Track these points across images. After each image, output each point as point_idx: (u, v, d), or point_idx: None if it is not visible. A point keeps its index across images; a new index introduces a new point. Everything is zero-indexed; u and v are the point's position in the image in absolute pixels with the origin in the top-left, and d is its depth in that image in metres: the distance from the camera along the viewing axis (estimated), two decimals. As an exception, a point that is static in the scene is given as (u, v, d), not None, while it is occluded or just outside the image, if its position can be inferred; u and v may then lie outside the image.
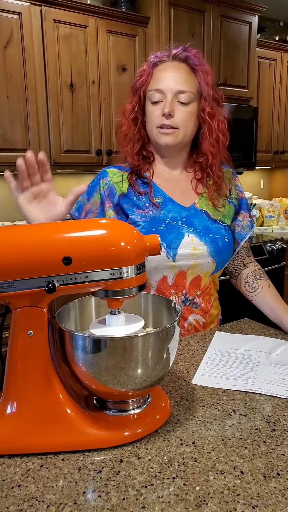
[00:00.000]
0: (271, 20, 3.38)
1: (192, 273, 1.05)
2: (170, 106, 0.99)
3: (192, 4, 2.47)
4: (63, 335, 0.61)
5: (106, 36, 2.32)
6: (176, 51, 1.03)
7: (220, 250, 1.05)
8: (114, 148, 2.43)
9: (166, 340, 0.62)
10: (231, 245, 1.09)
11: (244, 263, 1.17)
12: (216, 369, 0.84)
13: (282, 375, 0.81)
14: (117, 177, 1.09)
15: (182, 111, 1.00)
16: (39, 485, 0.55)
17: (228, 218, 1.11)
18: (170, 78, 1.00)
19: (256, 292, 1.12)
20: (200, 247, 1.03)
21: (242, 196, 1.16)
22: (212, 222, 1.07)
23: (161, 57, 1.04)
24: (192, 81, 1.02)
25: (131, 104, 1.08)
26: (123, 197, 1.07)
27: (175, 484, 0.54)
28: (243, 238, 1.14)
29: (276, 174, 3.77)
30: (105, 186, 1.08)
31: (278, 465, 0.57)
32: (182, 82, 1.00)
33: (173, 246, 1.02)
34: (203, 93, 1.03)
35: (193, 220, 1.06)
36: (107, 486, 0.54)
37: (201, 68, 1.03)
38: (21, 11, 2.05)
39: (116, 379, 0.60)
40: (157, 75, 1.02)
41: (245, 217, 1.15)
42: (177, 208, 1.07)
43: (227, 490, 0.53)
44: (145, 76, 1.04)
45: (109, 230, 0.60)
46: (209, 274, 1.07)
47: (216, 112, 1.04)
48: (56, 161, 2.26)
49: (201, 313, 1.09)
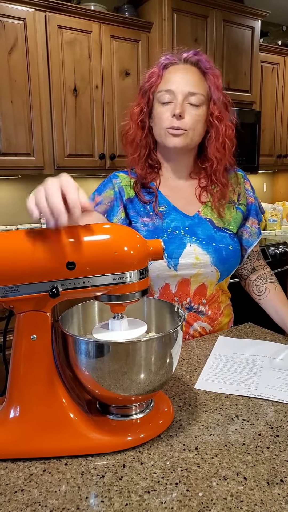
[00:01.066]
0: (274, 24, 3.39)
1: (195, 281, 1.05)
2: (181, 107, 0.98)
3: (195, 10, 2.48)
4: (66, 339, 0.62)
5: (109, 41, 2.33)
6: (187, 54, 1.03)
7: (224, 259, 1.04)
8: (117, 152, 2.44)
9: (169, 345, 0.62)
10: (237, 253, 1.07)
11: (254, 267, 1.16)
12: (219, 374, 0.84)
13: (286, 380, 0.81)
14: (126, 181, 1.09)
15: (192, 113, 0.99)
16: (42, 489, 0.55)
17: (234, 225, 1.09)
18: (181, 79, 0.99)
19: (263, 295, 1.12)
20: (202, 256, 1.02)
21: (252, 201, 1.13)
22: (216, 231, 1.06)
23: (172, 59, 1.03)
24: (203, 84, 1.01)
25: (139, 106, 1.06)
26: (129, 202, 1.07)
27: (178, 490, 0.54)
28: (250, 245, 1.13)
29: (279, 178, 3.77)
30: (116, 186, 1.08)
31: (282, 472, 0.57)
32: (193, 84, 0.99)
33: (174, 256, 1.01)
34: (213, 96, 1.02)
35: (196, 229, 1.05)
36: (109, 491, 0.54)
37: (212, 72, 1.03)
38: (26, 17, 2.07)
39: (119, 383, 0.60)
40: (167, 76, 1.02)
41: (254, 224, 1.13)
42: (181, 217, 1.06)
43: (230, 496, 0.53)
44: (155, 78, 1.03)
45: (112, 235, 0.61)
46: (215, 282, 1.07)
47: (224, 116, 1.03)
48: (59, 165, 2.27)
49: (208, 320, 1.08)
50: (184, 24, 2.47)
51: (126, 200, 1.07)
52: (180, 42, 2.46)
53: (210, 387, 0.79)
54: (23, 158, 2.17)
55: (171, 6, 2.39)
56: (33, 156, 2.20)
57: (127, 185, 1.08)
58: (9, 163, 2.14)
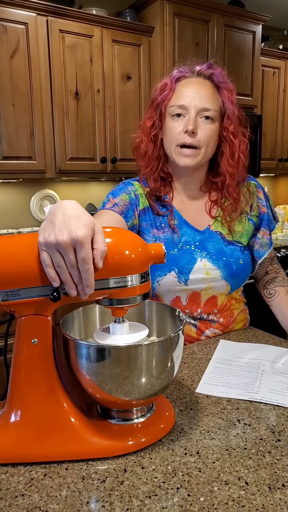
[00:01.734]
0: (275, 29, 3.40)
1: (206, 294, 1.05)
2: (194, 124, 0.95)
3: (196, 14, 2.49)
4: (67, 343, 0.62)
5: (111, 46, 2.34)
6: (201, 68, 1.00)
7: (234, 274, 1.03)
8: (119, 155, 2.45)
9: (170, 349, 0.62)
10: (247, 266, 1.06)
11: (267, 271, 1.15)
12: (220, 378, 0.84)
13: (287, 384, 0.80)
14: (141, 190, 1.07)
15: (205, 129, 0.96)
16: (42, 494, 0.55)
17: (245, 237, 1.08)
18: (195, 94, 0.96)
19: (273, 298, 1.12)
20: (213, 271, 1.02)
21: (264, 211, 1.10)
22: (227, 244, 1.05)
23: (185, 72, 1.00)
24: (216, 99, 0.99)
25: (151, 120, 1.03)
26: (142, 213, 1.05)
27: (179, 495, 0.54)
28: (261, 256, 1.11)
29: (280, 182, 3.77)
30: (133, 193, 1.05)
31: (283, 476, 0.57)
32: (206, 99, 0.96)
33: (185, 272, 1.01)
34: (227, 111, 0.99)
35: (207, 243, 1.04)
36: (110, 496, 0.54)
37: (226, 86, 1.00)
38: (27, 21, 2.08)
39: (120, 387, 0.60)
40: (180, 90, 0.98)
41: (265, 235, 1.11)
42: (192, 232, 1.05)
43: (231, 501, 0.53)
44: (167, 91, 1.00)
45: (113, 238, 0.61)
46: (225, 294, 1.06)
47: (238, 131, 1.01)
48: (61, 168, 2.28)
49: (220, 327, 1.08)
50: (186, 29, 2.48)
51: (140, 210, 1.05)
52: (181, 47, 2.47)
53: (211, 391, 0.79)
54: (25, 161, 2.18)
55: (172, 11, 2.41)
56: (35, 159, 2.20)
57: (142, 193, 1.06)
58: (11, 166, 2.14)
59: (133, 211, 1.04)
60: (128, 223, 1.02)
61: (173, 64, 2.45)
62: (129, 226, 1.02)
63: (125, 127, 2.44)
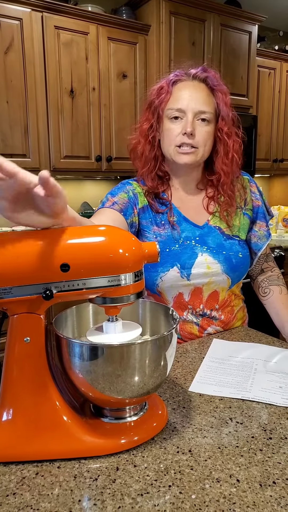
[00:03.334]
0: (271, 29, 3.41)
1: (208, 289, 1.07)
2: (192, 126, 0.99)
3: (193, 13, 2.50)
4: (60, 341, 0.61)
5: (107, 43, 2.34)
6: (196, 71, 1.03)
7: (234, 267, 1.06)
8: (114, 154, 2.44)
9: (163, 347, 0.62)
10: (246, 259, 1.09)
11: (262, 268, 1.18)
12: (213, 377, 0.84)
13: (279, 383, 0.81)
14: (139, 189, 1.10)
15: (202, 130, 1.00)
16: (34, 493, 0.55)
17: (243, 231, 1.11)
18: (191, 97, 1.00)
19: (267, 296, 1.14)
20: (213, 265, 1.04)
21: (259, 204, 1.14)
22: (226, 239, 1.08)
23: (181, 75, 1.03)
24: (211, 101, 1.02)
25: (149, 122, 1.06)
26: (142, 211, 1.08)
27: (171, 492, 0.54)
28: (259, 248, 1.14)
29: (275, 182, 3.79)
30: (131, 192, 1.08)
31: (274, 473, 0.57)
32: (202, 102, 1.00)
33: (187, 267, 1.03)
34: (222, 113, 1.03)
35: (207, 238, 1.07)
36: (102, 494, 0.54)
37: (220, 89, 1.03)
38: (22, 17, 2.07)
39: (113, 386, 0.60)
40: (176, 93, 1.02)
41: (262, 227, 1.14)
42: (191, 227, 1.08)
43: (223, 498, 0.53)
44: (164, 94, 1.03)
45: (107, 237, 0.61)
46: (226, 288, 1.09)
47: (232, 132, 1.05)
48: (56, 166, 2.27)
49: (221, 324, 1.10)
50: (182, 27, 2.48)
51: (140, 208, 1.08)
52: (177, 45, 2.47)
53: (204, 390, 0.79)
54: (19, 159, 2.17)
55: (169, 9, 2.40)
56: (29, 157, 2.20)
57: (141, 192, 1.09)
58: (5, 164, 2.13)
59: (132, 209, 1.05)
60: (127, 221, 1.04)
61: (169, 63, 2.45)
62: (128, 224, 1.04)
63: (121, 125, 2.44)
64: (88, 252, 0.59)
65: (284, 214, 3.31)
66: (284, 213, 3.31)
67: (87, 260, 0.58)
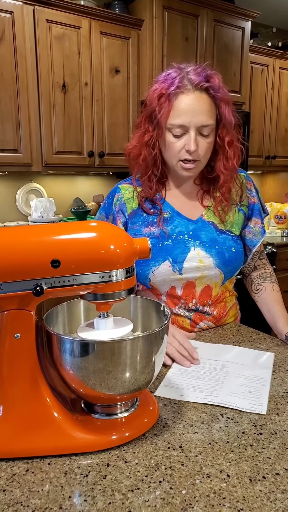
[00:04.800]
0: (264, 26, 3.41)
1: (200, 283, 1.07)
2: (195, 143, 0.97)
3: (186, 8, 2.48)
4: (51, 338, 0.61)
5: (99, 38, 2.32)
6: (198, 80, 0.96)
7: (227, 261, 1.06)
8: (106, 150, 2.43)
9: (154, 343, 0.62)
10: (240, 255, 1.09)
11: (255, 265, 1.18)
12: (182, 380, 0.81)
13: (249, 387, 0.78)
14: (129, 192, 1.10)
15: (203, 143, 0.99)
16: (24, 489, 0.54)
17: (236, 227, 1.10)
18: (194, 112, 0.95)
19: (259, 293, 1.14)
20: (206, 259, 1.05)
21: (254, 201, 1.13)
22: (219, 233, 1.08)
23: (182, 86, 0.96)
24: (213, 112, 0.99)
25: (148, 134, 1.03)
26: (133, 215, 1.08)
27: (162, 488, 0.54)
28: (254, 245, 1.14)
29: (267, 179, 3.80)
30: (117, 202, 1.10)
31: (264, 468, 0.58)
32: (205, 116, 0.96)
33: (179, 260, 1.04)
34: (224, 121, 1.00)
35: (200, 233, 1.07)
36: (93, 490, 0.54)
37: (222, 98, 0.99)
38: (14, 10, 2.04)
39: (104, 382, 0.60)
40: (178, 107, 0.96)
41: (257, 224, 1.14)
42: (185, 222, 1.08)
43: (213, 493, 0.53)
44: (165, 108, 0.97)
45: (99, 233, 0.60)
46: (219, 283, 1.09)
47: (233, 139, 1.04)
48: (48, 162, 2.25)
49: (213, 320, 1.11)
50: (175, 23, 2.46)
51: (129, 214, 1.09)
52: (170, 41, 2.46)
53: (170, 395, 0.76)
54: (11, 154, 2.15)
55: (162, 4, 2.39)
56: (21, 152, 2.17)
57: (130, 197, 1.09)
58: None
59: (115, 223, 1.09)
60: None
61: (162, 59, 2.44)
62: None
63: (113, 121, 2.42)
64: (79, 248, 0.58)
65: (276, 210, 3.32)
66: (276, 209, 3.33)
67: (78, 256, 0.58)
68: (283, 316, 1.07)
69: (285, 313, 1.08)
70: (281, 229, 3.25)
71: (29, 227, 0.62)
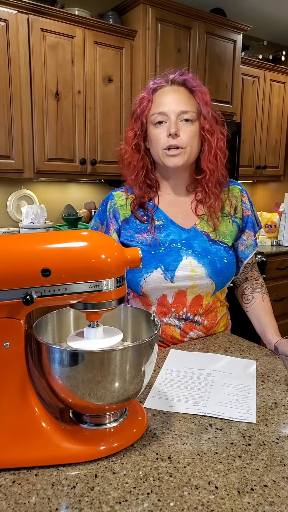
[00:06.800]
0: (255, 39, 3.47)
1: (192, 292, 1.07)
2: (176, 126, 1.01)
3: (179, 20, 2.52)
4: (40, 347, 0.61)
5: (93, 47, 2.34)
6: (173, 76, 1.06)
7: (218, 272, 1.06)
8: (99, 157, 2.44)
9: (144, 353, 0.62)
10: (231, 265, 1.09)
11: (247, 276, 1.19)
12: (169, 391, 0.81)
13: (236, 396, 0.78)
14: (122, 200, 1.12)
15: (186, 130, 1.02)
16: (10, 501, 0.54)
17: (229, 238, 1.11)
18: (172, 100, 1.02)
19: (250, 303, 1.15)
20: (198, 269, 1.05)
21: (248, 214, 1.15)
22: (212, 244, 1.08)
23: (160, 83, 1.06)
24: (192, 102, 1.04)
25: (132, 130, 1.08)
26: (125, 222, 1.10)
27: (150, 500, 0.54)
28: (246, 257, 1.15)
29: (257, 189, 3.85)
30: (111, 209, 1.11)
31: (252, 480, 0.58)
32: (183, 103, 1.02)
33: (171, 269, 1.04)
34: (203, 112, 1.05)
35: (193, 242, 1.07)
36: (80, 503, 0.54)
37: (199, 89, 1.05)
38: (8, 18, 2.05)
39: (93, 392, 0.60)
40: (158, 99, 1.04)
41: (250, 236, 1.15)
42: (178, 230, 1.08)
43: (201, 505, 0.53)
44: (146, 102, 1.05)
45: (89, 242, 0.60)
46: (211, 293, 1.09)
47: (215, 129, 1.06)
48: (39, 169, 2.25)
49: (203, 329, 1.11)
50: (168, 34, 2.50)
51: (122, 221, 1.10)
52: (163, 52, 2.49)
53: (159, 406, 0.75)
54: (3, 161, 2.14)
55: (155, 16, 2.42)
56: (13, 159, 2.17)
57: (123, 205, 1.11)
58: (-12, 165, 2.10)
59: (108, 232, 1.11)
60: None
61: (155, 69, 2.47)
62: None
63: (106, 129, 2.43)
64: (70, 257, 0.58)
65: (266, 220, 3.36)
66: (266, 219, 3.36)
67: (68, 265, 0.58)
68: (272, 326, 1.07)
69: (274, 323, 1.08)
70: (270, 239, 3.28)
71: (19, 235, 0.62)
